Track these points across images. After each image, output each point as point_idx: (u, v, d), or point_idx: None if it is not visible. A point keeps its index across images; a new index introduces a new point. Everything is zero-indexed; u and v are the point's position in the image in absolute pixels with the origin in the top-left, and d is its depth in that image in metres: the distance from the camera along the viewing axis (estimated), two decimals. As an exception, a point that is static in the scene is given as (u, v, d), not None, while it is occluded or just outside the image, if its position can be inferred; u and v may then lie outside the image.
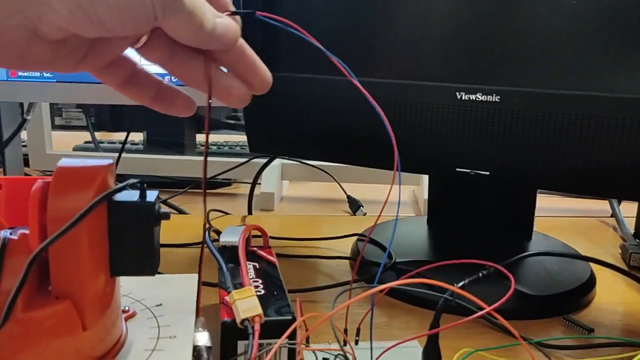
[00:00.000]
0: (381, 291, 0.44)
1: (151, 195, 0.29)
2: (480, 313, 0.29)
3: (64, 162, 0.28)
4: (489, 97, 0.48)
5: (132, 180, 0.29)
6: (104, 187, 0.28)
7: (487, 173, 0.51)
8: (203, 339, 0.33)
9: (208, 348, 0.32)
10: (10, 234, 0.27)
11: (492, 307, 0.29)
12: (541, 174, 0.48)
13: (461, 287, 0.32)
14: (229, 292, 0.36)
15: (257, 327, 0.33)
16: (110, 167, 0.29)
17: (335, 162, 0.62)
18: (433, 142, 0.52)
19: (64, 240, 0.26)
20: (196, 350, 0.31)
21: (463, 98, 0.49)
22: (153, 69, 0.34)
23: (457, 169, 0.52)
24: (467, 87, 0.49)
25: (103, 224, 0.28)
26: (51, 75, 0.54)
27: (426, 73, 0.51)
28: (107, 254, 0.29)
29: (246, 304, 0.34)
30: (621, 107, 0.43)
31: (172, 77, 0.42)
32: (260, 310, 0.34)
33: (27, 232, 0.27)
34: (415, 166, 0.56)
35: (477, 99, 0.49)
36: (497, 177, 0.50)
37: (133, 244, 0.29)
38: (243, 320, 0.33)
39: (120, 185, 0.28)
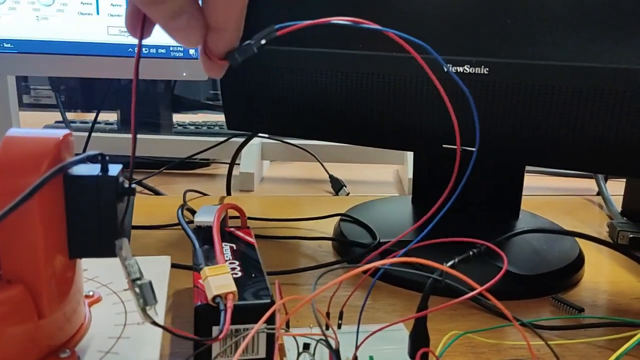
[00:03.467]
0: (366, 272, 0.42)
1: (114, 169, 0.27)
2: (471, 294, 0.27)
3: (13, 132, 0.25)
4: (477, 69, 0.46)
5: (90, 152, 0.26)
6: (58, 159, 0.25)
7: (475, 149, 0.49)
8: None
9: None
10: (-46, 212, 0.24)
11: (484, 287, 0.27)
12: (530, 149, 0.46)
13: (451, 267, 0.30)
14: (201, 270, 0.34)
15: (229, 304, 0.31)
16: (66, 138, 0.26)
17: (316, 140, 0.60)
18: (418, 117, 0.50)
19: (13, 218, 0.23)
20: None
21: (450, 70, 0.47)
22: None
23: (444, 146, 0.50)
24: (454, 59, 0.47)
25: (59, 202, 0.26)
26: (11, 46, 0.50)
27: (411, 44, 0.49)
28: (64, 234, 0.26)
29: (219, 280, 0.32)
30: (612, 78, 0.42)
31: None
32: (234, 288, 0.32)
33: (-28, 210, 0.25)
34: (400, 143, 0.54)
35: (464, 71, 0.47)
36: (484, 154, 0.48)
37: (94, 223, 0.26)
38: (215, 297, 0.31)
39: (76, 157, 0.25)
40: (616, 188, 0.70)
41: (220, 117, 1.11)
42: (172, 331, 0.28)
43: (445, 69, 0.32)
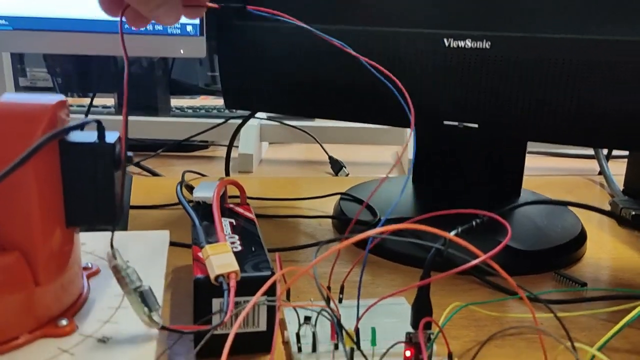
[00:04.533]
0: (364, 246, 0.41)
1: (111, 136, 0.26)
2: (475, 261, 0.27)
3: (6, 97, 0.25)
4: (478, 43, 0.46)
5: (87, 119, 0.25)
6: (54, 125, 0.24)
7: (476, 125, 0.48)
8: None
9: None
10: (-53, 178, 0.24)
11: (488, 254, 0.26)
12: (532, 124, 0.45)
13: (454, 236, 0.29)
14: (202, 248, 0.33)
15: (232, 283, 0.30)
16: (62, 104, 0.25)
17: (315, 117, 0.59)
18: (419, 93, 0.49)
19: (8, 184, 0.23)
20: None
21: (451, 45, 0.47)
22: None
23: (445, 122, 0.49)
24: (456, 33, 0.46)
25: (55, 168, 0.25)
26: (6, 23, 0.49)
27: (411, 19, 0.48)
28: (61, 201, 0.26)
29: (221, 259, 0.32)
30: (616, 51, 0.41)
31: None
32: (236, 267, 0.31)
33: (-34, 176, 0.24)
34: (401, 120, 0.53)
35: (466, 46, 0.46)
36: (486, 130, 0.48)
37: (91, 191, 0.26)
38: (217, 277, 0.31)
39: (72, 123, 0.25)
40: (618, 168, 0.70)
41: (217, 102, 1.10)
42: (181, 331, 0.28)
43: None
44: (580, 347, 0.26)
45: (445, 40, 0.47)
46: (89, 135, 0.26)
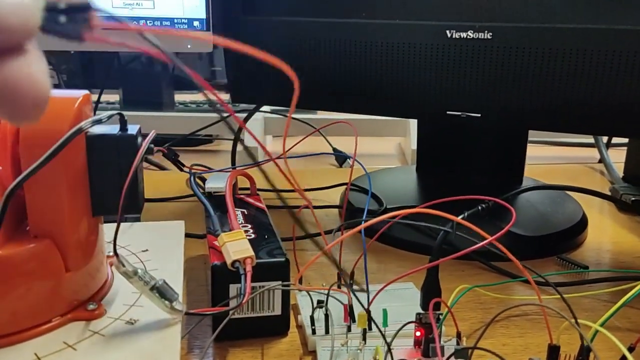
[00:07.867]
0: (372, 235, 0.43)
1: (132, 128, 0.27)
2: (482, 243, 0.28)
3: (35, 92, 0.26)
4: (480, 34, 0.47)
5: (110, 112, 0.27)
6: (80, 119, 0.26)
7: (479, 115, 0.49)
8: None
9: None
10: (-19, 171, 0.25)
11: (494, 237, 0.28)
12: (534, 112, 0.47)
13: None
14: (217, 236, 0.34)
15: (248, 268, 0.32)
16: (86, 98, 0.27)
17: (319, 110, 0.60)
18: (423, 84, 0.50)
19: (39, 175, 0.24)
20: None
21: (454, 36, 0.48)
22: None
23: (448, 112, 0.51)
24: (458, 25, 0.47)
25: (81, 160, 0.26)
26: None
27: (414, 11, 0.49)
28: (87, 192, 0.27)
29: (237, 246, 0.33)
30: (616, 39, 0.42)
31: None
32: (251, 252, 0.33)
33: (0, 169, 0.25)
34: (404, 111, 0.54)
35: (468, 37, 0.47)
36: (488, 119, 0.49)
37: (115, 180, 0.27)
38: (234, 262, 0.32)
39: (98, 116, 0.26)
40: (617, 156, 0.71)
41: (220, 96, 1.11)
42: (204, 313, 0.30)
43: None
44: (584, 323, 0.28)
45: (448, 32, 0.48)
46: (112, 128, 0.27)
